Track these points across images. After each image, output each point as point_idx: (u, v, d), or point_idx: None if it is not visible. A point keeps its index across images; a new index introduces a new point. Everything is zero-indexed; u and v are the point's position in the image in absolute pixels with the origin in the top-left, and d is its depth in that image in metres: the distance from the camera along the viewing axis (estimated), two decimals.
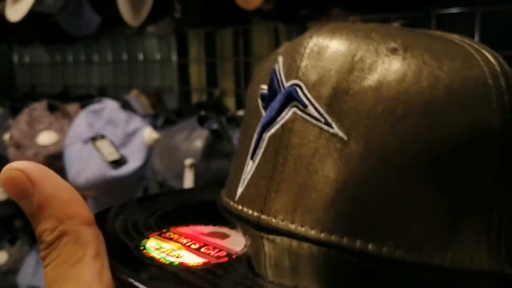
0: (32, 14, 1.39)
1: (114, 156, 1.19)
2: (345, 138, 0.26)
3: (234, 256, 0.24)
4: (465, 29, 0.99)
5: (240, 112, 1.21)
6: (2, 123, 1.62)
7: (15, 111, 1.63)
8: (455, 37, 0.29)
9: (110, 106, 1.28)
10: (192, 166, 1.01)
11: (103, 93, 1.72)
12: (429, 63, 0.26)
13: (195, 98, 1.57)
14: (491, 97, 0.26)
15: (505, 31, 0.98)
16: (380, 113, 0.25)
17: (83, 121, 1.26)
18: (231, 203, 0.30)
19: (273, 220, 0.27)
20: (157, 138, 1.19)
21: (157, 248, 0.25)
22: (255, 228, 0.27)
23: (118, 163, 1.19)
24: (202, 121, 1.10)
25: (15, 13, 1.42)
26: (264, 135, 0.28)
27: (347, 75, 0.26)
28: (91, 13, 1.38)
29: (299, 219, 0.26)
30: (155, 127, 1.28)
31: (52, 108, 1.44)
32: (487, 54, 0.27)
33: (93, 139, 1.23)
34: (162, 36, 1.52)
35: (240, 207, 0.29)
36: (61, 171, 1.32)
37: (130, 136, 1.22)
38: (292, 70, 0.28)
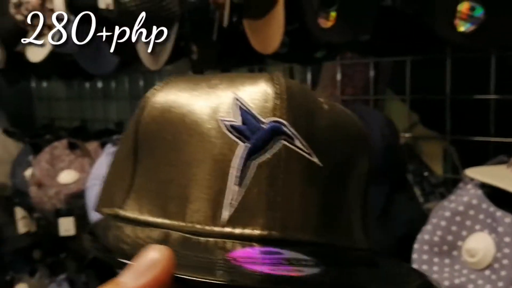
0: (51, 54, 1.43)
1: None
2: (321, 164, 0.33)
3: None
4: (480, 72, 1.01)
5: None
6: (23, 160, 1.65)
7: (34, 147, 1.67)
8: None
9: None
10: None
11: (120, 127, 1.75)
12: None
13: None
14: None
15: None
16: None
17: (104, 162, 1.29)
18: (214, 228, 0.32)
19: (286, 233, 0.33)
20: None
21: None
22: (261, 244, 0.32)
23: None
24: None
25: (36, 54, 1.46)
26: (249, 163, 0.32)
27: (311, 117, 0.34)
28: (109, 54, 1.40)
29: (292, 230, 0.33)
30: None
31: (72, 147, 1.47)
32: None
33: None
34: (179, 73, 1.54)
35: (229, 229, 0.32)
36: (81, 210, 1.35)
37: None
38: (266, 109, 0.33)
